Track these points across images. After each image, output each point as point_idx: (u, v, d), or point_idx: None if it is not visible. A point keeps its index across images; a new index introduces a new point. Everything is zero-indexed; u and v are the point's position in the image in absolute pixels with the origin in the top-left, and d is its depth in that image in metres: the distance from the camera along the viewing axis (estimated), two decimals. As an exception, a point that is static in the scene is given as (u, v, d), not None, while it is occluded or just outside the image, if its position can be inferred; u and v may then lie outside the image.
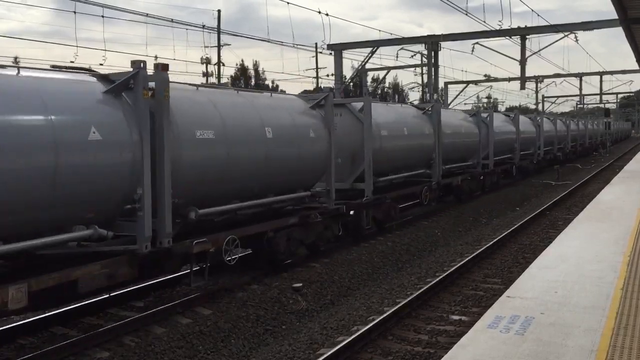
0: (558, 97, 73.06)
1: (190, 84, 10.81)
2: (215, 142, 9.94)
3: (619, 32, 23.30)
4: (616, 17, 17.26)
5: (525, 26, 31.57)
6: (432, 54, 33.94)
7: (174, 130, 9.18)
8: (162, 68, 9.15)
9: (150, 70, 9.00)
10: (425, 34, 37.13)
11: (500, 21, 27.44)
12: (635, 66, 34.53)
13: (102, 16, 23.97)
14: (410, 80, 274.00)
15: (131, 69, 8.66)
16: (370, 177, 15.09)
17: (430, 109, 19.88)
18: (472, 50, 34.61)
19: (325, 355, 7.57)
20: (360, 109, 15.38)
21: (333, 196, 13.28)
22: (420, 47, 36.63)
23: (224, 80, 43.81)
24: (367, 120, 15.16)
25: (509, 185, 28.01)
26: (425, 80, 36.94)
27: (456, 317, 9.52)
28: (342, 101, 16.38)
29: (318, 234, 12.78)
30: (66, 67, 9.26)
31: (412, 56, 38.36)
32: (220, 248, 9.98)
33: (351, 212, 14.16)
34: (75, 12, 23.32)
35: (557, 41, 32.89)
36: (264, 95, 12.62)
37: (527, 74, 35.19)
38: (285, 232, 11.68)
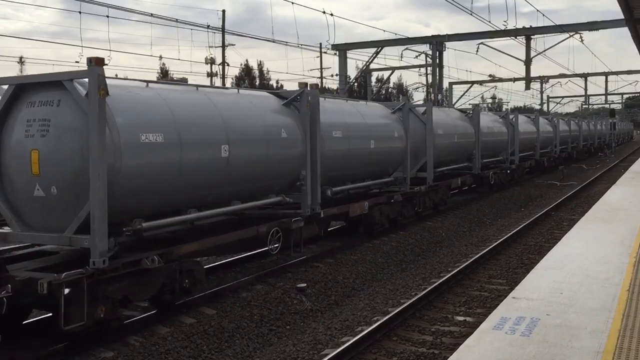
0: (563, 97, 73.08)
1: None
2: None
3: (625, 32, 23.22)
4: (622, 17, 17.21)
5: (531, 26, 31.55)
6: (437, 54, 33.93)
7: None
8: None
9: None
10: (431, 34, 37.11)
11: (505, 21, 27.48)
12: (641, 66, 34.41)
13: (107, 16, 24.20)
14: (414, 80, 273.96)
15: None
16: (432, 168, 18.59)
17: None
18: (477, 51, 34.61)
19: (329, 356, 7.55)
20: (424, 112, 18.43)
21: (408, 182, 17.08)
22: (425, 47, 36.64)
23: (228, 81, 43.75)
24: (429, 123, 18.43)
25: (513, 186, 27.93)
26: (430, 80, 36.87)
27: (461, 318, 9.48)
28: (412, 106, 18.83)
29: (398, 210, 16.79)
30: None
31: (416, 56, 38.38)
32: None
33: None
34: (80, 12, 23.47)
35: (562, 41, 32.88)
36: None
37: (532, 74, 35.20)
38: (378, 208, 15.52)
